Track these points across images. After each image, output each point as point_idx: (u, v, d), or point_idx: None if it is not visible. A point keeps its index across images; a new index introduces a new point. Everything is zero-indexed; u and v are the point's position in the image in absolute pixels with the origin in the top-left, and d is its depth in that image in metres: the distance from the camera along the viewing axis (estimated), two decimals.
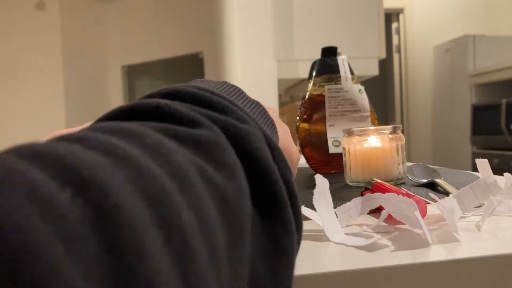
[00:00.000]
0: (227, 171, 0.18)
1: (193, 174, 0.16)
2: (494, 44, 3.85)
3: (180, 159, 0.16)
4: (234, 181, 0.18)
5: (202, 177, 0.16)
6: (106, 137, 0.15)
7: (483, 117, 3.53)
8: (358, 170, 0.55)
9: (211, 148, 0.18)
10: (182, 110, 0.19)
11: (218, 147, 0.18)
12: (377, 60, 1.73)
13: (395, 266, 0.26)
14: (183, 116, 0.19)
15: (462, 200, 0.35)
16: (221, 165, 0.18)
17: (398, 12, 4.56)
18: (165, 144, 0.16)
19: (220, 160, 0.18)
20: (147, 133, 0.16)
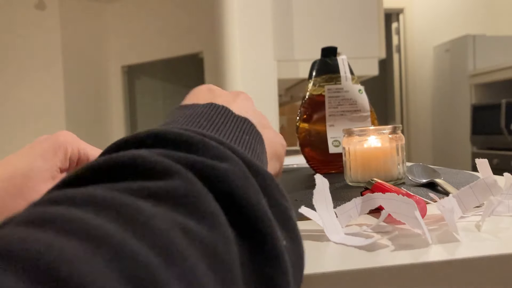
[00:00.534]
0: (209, 221, 0.17)
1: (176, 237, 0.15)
2: (494, 44, 3.85)
3: (160, 225, 0.15)
4: (219, 231, 0.17)
5: (186, 236, 0.16)
6: (82, 214, 0.15)
7: (483, 117, 3.53)
8: (358, 170, 0.55)
9: (189, 200, 0.17)
10: (156, 160, 0.19)
11: (196, 197, 0.18)
12: (377, 60, 1.73)
13: (395, 266, 0.26)
14: (156, 167, 0.18)
15: (462, 200, 0.35)
16: (202, 217, 0.17)
17: (398, 12, 4.56)
18: (142, 211, 0.15)
19: (201, 211, 0.17)
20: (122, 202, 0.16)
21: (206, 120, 0.28)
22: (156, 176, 0.18)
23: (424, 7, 4.48)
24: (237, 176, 0.20)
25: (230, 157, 0.21)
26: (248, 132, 0.29)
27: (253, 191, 0.20)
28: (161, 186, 0.17)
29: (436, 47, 4.38)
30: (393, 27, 4.61)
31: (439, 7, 4.47)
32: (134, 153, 0.19)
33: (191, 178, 0.18)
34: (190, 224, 0.16)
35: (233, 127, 0.29)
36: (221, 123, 0.28)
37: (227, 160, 0.21)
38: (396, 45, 4.64)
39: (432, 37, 4.48)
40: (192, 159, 0.20)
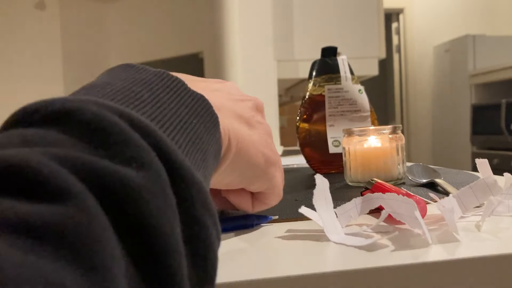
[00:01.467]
0: (98, 274, 0.13)
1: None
2: (494, 44, 3.85)
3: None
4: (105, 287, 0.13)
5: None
6: None
7: (483, 117, 3.53)
8: (358, 170, 0.55)
9: (79, 242, 0.13)
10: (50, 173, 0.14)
11: (89, 240, 0.13)
12: (377, 60, 1.74)
13: (395, 266, 0.26)
14: (49, 183, 0.14)
15: (462, 200, 0.35)
16: (90, 267, 0.13)
17: (398, 12, 4.56)
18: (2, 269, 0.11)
19: (91, 260, 0.13)
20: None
21: (149, 91, 0.23)
22: (45, 197, 0.14)
23: (424, 7, 4.48)
24: (154, 195, 0.16)
25: (151, 163, 0.17)
26: (199, 114, 0.25)
27: (170, 217, 0.17)
28: (46, 217, 0.13)
29: (436, 47, 4.38)
30: (393, 27, 4.61)
31: (439, 7, 4.47)
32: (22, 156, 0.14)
33: (89, 207, 0.14)
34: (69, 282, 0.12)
35: (180, 106, 0.24)
36: (166, 99, 0.23)
37: (146, 168, 0.17)
38: (396, 45, 4.64)
39: (432, 37, 4.48)
40: (100, 170, 0.15)
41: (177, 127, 0.23)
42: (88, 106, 0.18)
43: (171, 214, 0.17)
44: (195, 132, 0.24)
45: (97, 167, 0.15)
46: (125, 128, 0.18)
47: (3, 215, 0.12)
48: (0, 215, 0.12)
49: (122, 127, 0.17)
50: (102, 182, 0.15)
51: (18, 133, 0.17)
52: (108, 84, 0.22)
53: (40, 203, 0.13)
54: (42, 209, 0.13)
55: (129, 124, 0.18)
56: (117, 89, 0.22)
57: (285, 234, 0.35)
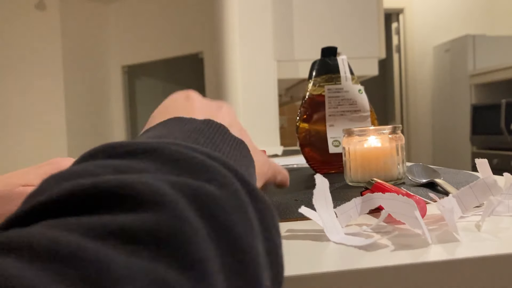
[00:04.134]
0: (196, 271, 0.14)
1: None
2: (494, 44, 3.85)
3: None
4: (207, 282, 0.15)
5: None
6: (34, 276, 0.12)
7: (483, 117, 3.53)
8: (358, 170, 0.55)
9: (174, 244, 0.15)
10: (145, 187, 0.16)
11: (183, 240, 0.15)
12: (377, 60, 1.74)
13: (395, 266, 0.26)
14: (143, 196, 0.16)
15: (462, 200, 0.35)
16: (187, 266, 0.14)
17: (398, 12, 4.56)
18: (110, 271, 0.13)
19: (187, 258, 0.15)
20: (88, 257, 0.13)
21: (204, 136, 0.26)
22: (140, 207, 0.15)
23: (424, 7, 4.48)
24: (235, 209, 0.18)
25: (230, 184, 0.19)
26: (245, 156, 0.28)
27: (250, 229, 0.18)
28: (143, 224, 0.15)
29: (436, 47, 4.38)
30: (393, 27, 4.61)
31: (439, 7, 4.47)
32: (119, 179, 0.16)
33: (182, 211, 0.16)
34: (171, 279, 0.14)
35: (230, 148, 0.27)
36: (219, 142, 0.26)
37: (227, 187, 0.19)
38: (396, 45, 4.64)
39: (432, 37, 4.48)
40: (188, 185, 0.17)
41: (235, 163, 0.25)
42: (167, 145, 0.20)
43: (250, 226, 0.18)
44: (247, 169, 0.27)
45: (185, 183, 0.17)
46: (205, 159, 0.20)
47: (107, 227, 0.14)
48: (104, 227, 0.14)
49: (201, 158, 0.19)
50: (191, 192, 0.17)
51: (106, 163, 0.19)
52: (169, 134, 0.25)
53: (137, 213, 0.15)
54: (139, 217, 0.15)
55: (206, 156, 0.20)
56: (179, 137, 0.25)
57: (285, 234, 0.35)
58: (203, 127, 0.27)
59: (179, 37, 3.99)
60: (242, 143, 0.28)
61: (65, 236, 0.13)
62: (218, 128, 0.28)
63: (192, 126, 0.27)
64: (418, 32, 4.50)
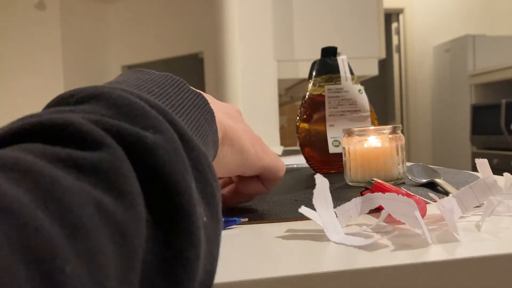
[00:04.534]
0: (127, 200, 0.17)
1: (87, 215, 0.15)
2: (494, 44, 3.85)
3: (75, 201, 0.15)
4: (133, 210, 0.17)
5: (99, 214, 0.16)
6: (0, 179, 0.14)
7: (483, 117, 3.53)
8: (358, 170, 0.55)
9: (112, 177, 0.18)
10: (88, 129, 0.19)
11: (119, 173, 0.18)
12: (377, 60, 1.73)
13: (395, 266, 0.26)
14: (88, 136, 0.18)
15: (462, 200, 0.35)
16: (121, 195, 0.17)
17: (398, 12, 4.56)
18: (60, 184, 0.15)
19: (121, 189, 0.17)
20: (43, 171, 0.16)
21: (158, 87, 0.28)
22: (85, 146, 0.18)
23: (424, 7, 4.48)
24: (167, 150, 0.20)
25: (166, 130, 0.21)
26: (199, 108, 0.29)
27: (181, 167, 0.20)
28: (87, 158, 0.17)
29: (436, 47, 4.38)
30: (393, 27, 4.61)
31: (439, 7, 4.47)
32: (67, 119, 0.19)
33: (119, 153, 0.18)
34: (106, 201, 0.16)
35: (184, 99, 0.28)
36: (173, 93, 0.28)
37: (162, 133, 0.21)
38: (396, 45, 4.64)
39: (432, 37, 4.48)
40: (125, 131, 0.20)
41: (183, 115, 0.27)
42: (114, 90, 0.22)
43: (182, 166, 0.21)
44: (197, 121, 0.28)
45: (123, 128, 0.20)
46: (144, 106, 0.22)
47: (57, 154, 0.17)
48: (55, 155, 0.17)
49: (142, 105, 0.22)
50: (127, 138, 0.19)
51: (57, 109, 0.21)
52: (124, 81, 0.27)
53: (82, 150, 0.18)
54: (84, 154, 0.18)
55: (147, 104, 0.22)
56: (132, 85, 0.27)
57: (285, 234, 0.35)
58: (160, 79, 0.29)
59: (179, 37, 3.99)
60: (198, 96, 0.30)
61: (23, 155, 0.16)
62: (175, 81, 0.30)
63: (150, 76, 0.29)
64: (418, 32, 4.50)
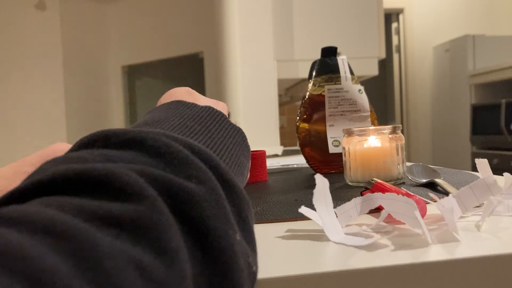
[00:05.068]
0: (168, 257, 0.17)
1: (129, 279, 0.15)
2: (494, 44, 3.85)
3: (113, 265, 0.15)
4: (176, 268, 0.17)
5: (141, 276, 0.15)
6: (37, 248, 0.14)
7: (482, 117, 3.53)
8: (358, 170, 0.55)
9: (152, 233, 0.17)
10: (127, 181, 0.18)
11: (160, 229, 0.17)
12: (377, 60, 1.73)
13: (395, 266, 0.26)
14: (128, 188, 0.18)
15: (462, 200, 0.35)
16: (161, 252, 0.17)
17: (398, 12, 4.56)
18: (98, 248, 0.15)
19: (162, 246, 0.17)
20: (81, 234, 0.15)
21: (200, 124, 0.28)
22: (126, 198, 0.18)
23: (424, 7, 4.48)
24: (210, 203, 0.20)
25: (208, 181, 0.21)
26: (239, 144, 0.30)
27: (223, 221, 0.20)
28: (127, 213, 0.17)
29: (436, 47, 4.38)
30: (393, 27, 4.61)
31: (439, 7, 4.47)
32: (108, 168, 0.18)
33: (160, 207, 0.18)
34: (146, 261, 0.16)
35: (225, 137, 0.28)
36: (214, 130, 0.28)
37: (205, 183, 0.21)
38: (396, 45, 4.64)
39: (432, 37, 4.48)
40: (169, 181, 0.19)
41: (225, 155, 0.27)
42: (158, 136, 0.22)
43: (224, 220, 0.20)
44: (237, 158, 0.29)
45: (166, 179, 0.19)
46: (188, 154, 0.22)
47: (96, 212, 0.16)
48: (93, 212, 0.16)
49: (185, 153, 0.22)
50: (170, 190, 0.19)
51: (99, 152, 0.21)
52: (166, 119, 0.27)
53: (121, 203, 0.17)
54: (123, 206, 0.17)
55: (190, 151, 0.22)
56: (175, 125, 0.27)
57: (285, 234, 0.35)
58: (202, 113, 0.29)
59: (179, 37, 3.99)
60: (239, 132, 0.30)
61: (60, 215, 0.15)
62: (217, 115, 0.30)
63: (192, 112, 0.29)
64: (418, 32, 4.50)
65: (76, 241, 0.15)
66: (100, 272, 0.14)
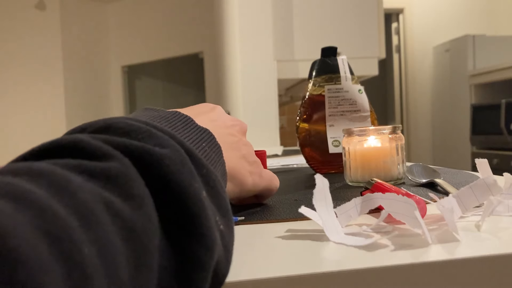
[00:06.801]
0: (135, 202, 0.18)
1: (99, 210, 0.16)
2: (494, 44, 3.85)
3: (86, 197, 0.16)
4: (142, 211, 0.18)
5: (108, 211, 0.17)
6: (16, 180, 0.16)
7: (482, 117, 3.53)
8: (358, 170, 0.55)
9: (120, 181, 0.19)
10: (96, 145, 0.20)
11: (127, 179, 0.19)
12: (377, 60, 1.74)
13: (395, 266, 0.26)
14: (96, 151, 0.20)
15: (462, 200, 0.35)
16: (129, 197, 0.18)
17: (398, 12, 4.56)
18: (73, 182, 0.17)
19: (129, 192, 0.18)
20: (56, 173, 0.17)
21: (166, 121, 0.29)
22: (94, 158, 0.19)
23: (424, 7, 4.48)
24: (173, 161, 0.21)
25: (172, 145, 0.22)
26: (207, 141, 0.30)
27: (188, 176, 0.21)
28: (96, 165, 0.19)
29: (436, 47, 4.38)
30: (393, 27, 4.61)
31: (439, 7, 4.47)
32: (77, 137, 0.20)
33: (126, 163, 0.20)
34: (114, 201, 0.17)
35: (192, 133, 0.30)
36: (181, 127, 0.29)
37: (168, 147, 0.22)
38: (396, 45, 4.64)
39: (432, 37, 4.48)
40: (131, 145, 0.21)
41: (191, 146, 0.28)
42: (121, 120, 0.24)
43: (190, 175, 0.21)
44: (205, 151, 0.29)
45: (129, 144, 0.21)
46: (151, 129, 0.23)
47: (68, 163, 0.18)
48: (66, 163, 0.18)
49: (148, 128, 0.23)
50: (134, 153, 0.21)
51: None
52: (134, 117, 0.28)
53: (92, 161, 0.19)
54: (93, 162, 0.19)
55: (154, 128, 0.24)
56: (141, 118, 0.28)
57: (285, 234, 0.35)
58: (169, 115, 0.30)
59: (179, 37, 3.99)
60: (205, 132, 0.31)
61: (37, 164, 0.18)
62: (183, 118, 0.31)
63: (159, 113, 0.31)
64: (418, 32, 4.50)
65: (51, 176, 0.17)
66: (74, 199, 0.16)
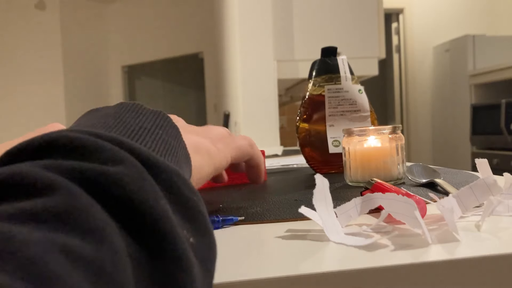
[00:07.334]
0: (95, 236, 0.16)
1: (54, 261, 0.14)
2: (494, 44, 3.85)
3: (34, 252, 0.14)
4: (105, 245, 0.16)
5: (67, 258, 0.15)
6: None
7: (482, 117, 3.53)
8: (358, 170, 0.55)
9: (71, 217, 0.16)
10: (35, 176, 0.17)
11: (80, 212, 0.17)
12: (377, 60, 1.74)
13: (395, 266, 0.26)
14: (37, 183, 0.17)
15: (462, 200, 0.35)
16: (87, 233, 0.16)
17: (398, 12, 4.56)
18: (14, 239, 0.14)
19: (86, 227, 0.16)
20: None
21: (113, 118, 0.27)
22: (36, 194, 0.17)
23: (424, 7, 4.48)
24: (131, 178, 0.19)
25: (125, 159, 0.20)
26: (162, 126, 0.29)
27: (150, 192, 0.19)
28: (40, 206, 0.16)
29: (436, 47, 4.38)
30: (393, 27, 4.61)
31: (439, 7, 4.47)
32: (13, 170, 0.18)
33: (75, 192, 0.17)
34: (71, 244, 0.15)
35: (143, 122, 0.28)
36: (130, 119, 0.28)
37: (122, 163, 0.20)
38: (396, 45, 4.64)
39: (432, 37, 4.48)
40: (80, 168, 0.19)
41: (146, 137, 0.26)
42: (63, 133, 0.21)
43: (152, 191, 0.19)
44: (162, 140, 0.27)
45: (78, 167, 0.19)
46: (97, 140, 0.21)
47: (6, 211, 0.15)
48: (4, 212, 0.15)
49: (93, 140, 0.21)
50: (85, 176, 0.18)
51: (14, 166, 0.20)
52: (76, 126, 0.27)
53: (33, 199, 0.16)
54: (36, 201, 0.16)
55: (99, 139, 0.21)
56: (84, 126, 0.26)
57: (285, 234, 0.35)
58: (115, 110, 0.29)
59: (179, 37, 3.99)
60: (159, 115, 0.30)
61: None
62: (130, 107, 0.29)
63: (104, 111, 0.29)
64: (418, 32, 4.50)
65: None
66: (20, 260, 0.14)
